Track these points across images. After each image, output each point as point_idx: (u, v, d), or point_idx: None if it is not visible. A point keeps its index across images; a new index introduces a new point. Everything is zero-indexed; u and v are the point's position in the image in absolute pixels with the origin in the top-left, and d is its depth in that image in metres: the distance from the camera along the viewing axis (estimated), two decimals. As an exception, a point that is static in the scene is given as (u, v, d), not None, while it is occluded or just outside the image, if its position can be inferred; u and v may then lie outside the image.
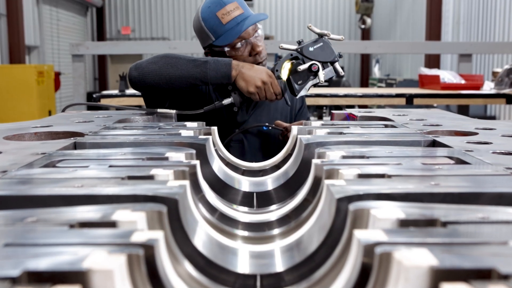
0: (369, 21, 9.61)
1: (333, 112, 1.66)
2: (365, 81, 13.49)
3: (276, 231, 0.81)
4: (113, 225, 0.54)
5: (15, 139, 1.16)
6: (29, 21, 10.50)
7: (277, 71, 1.65)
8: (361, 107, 6.11)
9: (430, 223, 0.55)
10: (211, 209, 0.87)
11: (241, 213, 0.92)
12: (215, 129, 1.30)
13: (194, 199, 0.75)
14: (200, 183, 0.88)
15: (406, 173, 0.76)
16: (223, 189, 1.06)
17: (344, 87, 8.58)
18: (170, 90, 1.68)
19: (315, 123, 1.40)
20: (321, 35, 1.65)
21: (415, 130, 1.22)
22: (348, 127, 1.27)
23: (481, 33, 7.99)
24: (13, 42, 9.45)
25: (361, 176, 0.75)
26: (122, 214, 0.56)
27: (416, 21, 10.69)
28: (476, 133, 1.19)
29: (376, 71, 11.66)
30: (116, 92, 4.37)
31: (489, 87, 4.88)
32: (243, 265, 0.70)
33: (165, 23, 14.41)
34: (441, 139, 1.08)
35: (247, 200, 1.06)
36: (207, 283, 0.62)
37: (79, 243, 0.47)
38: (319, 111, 9.30)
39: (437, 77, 5.02)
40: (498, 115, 7.37)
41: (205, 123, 1.43)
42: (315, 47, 1.64)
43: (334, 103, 4.52)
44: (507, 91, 4.43)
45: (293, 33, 14.28)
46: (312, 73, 1.64)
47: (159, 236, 0.50)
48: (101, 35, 13.98)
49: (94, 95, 4.28)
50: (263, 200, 1.06)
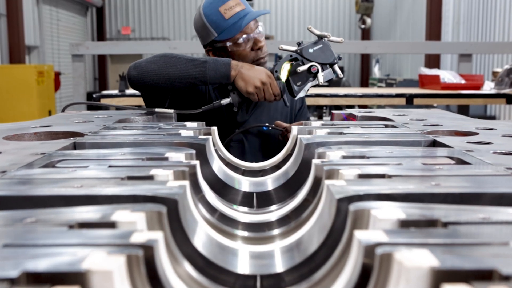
0: (369, 21, 9.61)
1: (333, 112, 1.66)
2: (365, 81, 13.49)
3: (276, 232, 0.81)
4: (112, 225, 0.54)
5: (14, 139, 1.16)
6: (29, 21, 10.50)
7: (277, 72, 1.65)
8: (361, 107, 6.11)
9: (430, 223, 0.54)
10: (211, 209, 0.87)
11: (241, 214, 0.92)
12: (215, 129, 1.30)
13: (194, 200, 0.75)
14: (200, 183, 0.88)
15: (406, 173, 0.76)
16: (223, 189, 1.06)
17: (344, 87, 8.58)
18: (169, 89, 1.67)
19: (315, 123, 1.40)
20: (321, 37, 1.65)
21: (416, 130, 1.22)
22: (348, 127, 1.27)
23: (481, 33, 7.99)
24: (13, 42, 9.46)
25: (362, 176, 0.75)
26: (121, 214, 0.56)
27: (416, 21, 10.69)
28: (476, 133, 1.19)
29: (376, 71, 11.66)
30: (116, 92, 4.37)
31: (489, 87, 4.88)
32: (243, 265, 0.70)
33: (165, 23, 14.41)
34: (442, 139, 1.07)
35: (247, 200, 1.06)
36: (207, 284, 0.62)
37: (78, 244, 0.47)
38: (319, 111, 9.31)
39: (437, 77, 5.02)
40: (498, 115, 7.37)
41: (205, 123, 1.43)
42: (315, 48, 1.64)
43: (334, 103, 4.52)
44: (507, 91, 4.43)
45: (293, 33, 14.28)
46: (311, 74, 1.64)
47: (158, 236, 0.49)
48: (101, 35, 13.98)
49: (94, 95, 4.29)
50: (263, 200, 1.06)
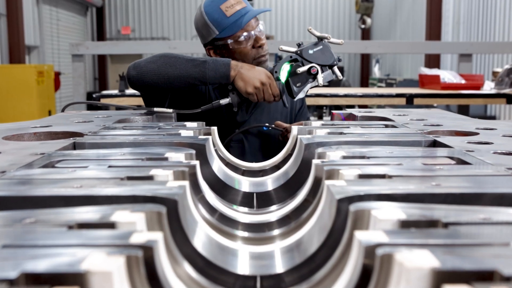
0: (369, 21, 9.61)
1: (333, 112, 1.66)
2: (365, 81, 13.49)
3: (276, 232, 0.80)
4: (112, 226, 0.54)
5: (14, 139, 1.16)
6: (29, 21, 10.50)
7: (276, 72, 1.65)
8: (361, 107, 6.11)
9: (431, 224, 0.54)
10: (211, 209, 0.86)
11: (241, 214, 0.92)
12: (215, 129, 1.30)
13: (193, 200, 0.75)
14: (199, 184, 0.87)
15: (407, 173, 0.75)
16: (223, 189, 1.05)
17: (344, 87, 8.58)
18: (169, 89, 1.67)
19: (315, 123, 1.40)
20: (321, 38, 1.65)
21: (416, 130, 1.22)
22: (348, 127, 1.27)
23: (481, 33, 7.99)
24: (13, 42, 9.46)
25: (362, 176, 0.75)
26: (121, 215, 0.55)
27: (416, 21, 10.69)
28: (477, 133, 1.19)
29: (376, 71, 11.66)
30: (116, 92, 4.37)
31: (489, 87, 4.88)
32: (243, 266, 0.70)
33: (165, 23, 14.41)
34: (442, 139, 1.07)
35: (247, 200, 1.06)
36: (206, 284, 0.61)
37: (77, 245, 0.47)
38: (319, 111, 9.31)
39: (437, 77, 5.02)
40: (498, 115, 7.37)
41: (205, 123, 1.43)
42: (314, 50, 1.64)
43: (334, 103, 4.52)
44: (507, 91, 4.43)
45: (293, 33, 14.28)
46: (311, 75, 1.64)
47: (158, 237, 0.49)
48: (101, 35, 13.98)
49: (94, 95, 4.29)
50: (263, 200, 1.05)
